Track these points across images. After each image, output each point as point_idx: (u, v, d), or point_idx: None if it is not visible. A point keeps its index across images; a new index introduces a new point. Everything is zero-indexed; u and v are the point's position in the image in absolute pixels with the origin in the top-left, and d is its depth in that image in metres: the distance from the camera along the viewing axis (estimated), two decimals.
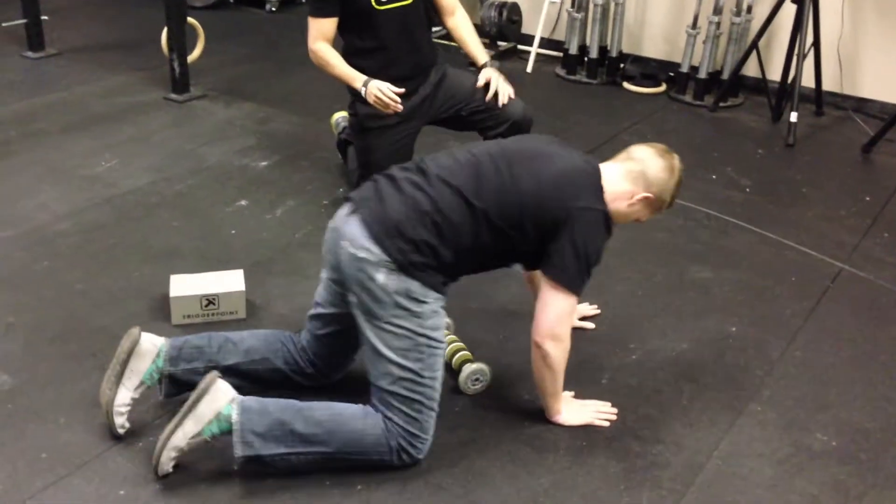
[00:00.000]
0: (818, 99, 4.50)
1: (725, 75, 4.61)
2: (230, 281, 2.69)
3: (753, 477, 2.17)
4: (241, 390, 2.09)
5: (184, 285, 2.66)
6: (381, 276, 2.02)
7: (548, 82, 4.98)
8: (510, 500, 2.06)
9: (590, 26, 4.90)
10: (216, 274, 2.73)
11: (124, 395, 2.15)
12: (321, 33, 3.03)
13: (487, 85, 3.08)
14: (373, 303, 2.04)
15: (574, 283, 2.13)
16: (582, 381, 2.46)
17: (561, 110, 4.55)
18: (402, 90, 2.96)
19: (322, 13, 3.01)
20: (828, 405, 2.43)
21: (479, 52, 3.17)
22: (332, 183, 3.57)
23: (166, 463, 2.03)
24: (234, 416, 2.00)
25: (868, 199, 3.65)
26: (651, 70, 4.90)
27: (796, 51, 4.18)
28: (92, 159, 3.69)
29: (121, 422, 2.16)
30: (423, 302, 2.06)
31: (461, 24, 3.21)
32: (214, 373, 2.05)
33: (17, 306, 2.69)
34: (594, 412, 2.34)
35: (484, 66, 3.13)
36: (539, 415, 2.32)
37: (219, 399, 2.02)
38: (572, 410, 2.32)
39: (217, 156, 3.79)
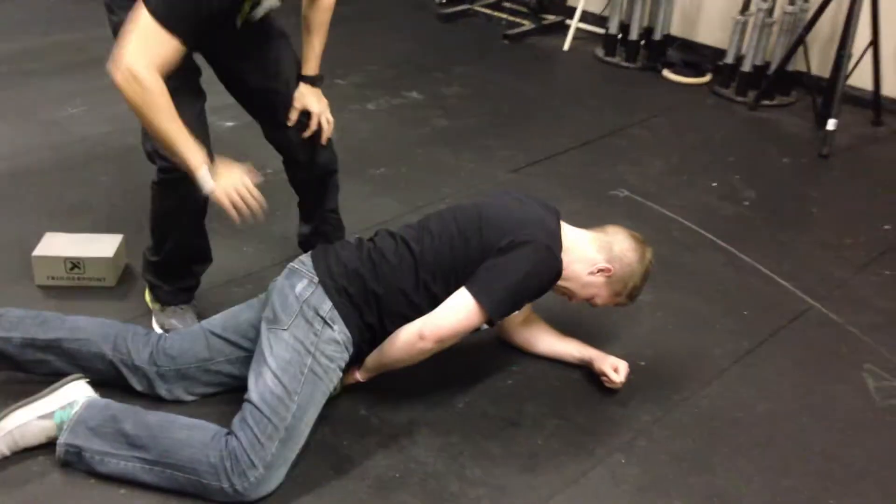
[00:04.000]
0: (876, 106, 3.94)
1: (773, 70, 4.11)
2: (102, 245, 2.54)
3: None
4: None
5: (53, 245, 2.53)
6: (301, 285, 2.02)
7: (582, 63, 4.59)
8: None
9: (635, 4, 4.46)
10: (93, 236, 2.59)
11: None
12: (161, 58, 1.91)
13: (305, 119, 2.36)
14: (281, 308, 1.99)
15: (493, 305, 1.98)
16: (434, 402, 2.19)
17: (577, 95, 4.17)
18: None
19: (175, 27, 1.89)
20: (707, 468, 2.05)
21: (315, 60, 2.37)
22: None
23: None
24: (77, 407, 1.94)
25: (887, 227, 3.14)
26: (696, 58, 4.43)
27: (846, 48, 3.66)
28: (62, 103, 3.63)
29: None
30: (328, 325, 1.98)
31: (317, 17, 2.35)
32: (81, 375, 2.03)
33: None
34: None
35: (313, 80, 2.36)
36: (365, 434, 2.07)
37: (78, 392, 1.98)
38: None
39: None
